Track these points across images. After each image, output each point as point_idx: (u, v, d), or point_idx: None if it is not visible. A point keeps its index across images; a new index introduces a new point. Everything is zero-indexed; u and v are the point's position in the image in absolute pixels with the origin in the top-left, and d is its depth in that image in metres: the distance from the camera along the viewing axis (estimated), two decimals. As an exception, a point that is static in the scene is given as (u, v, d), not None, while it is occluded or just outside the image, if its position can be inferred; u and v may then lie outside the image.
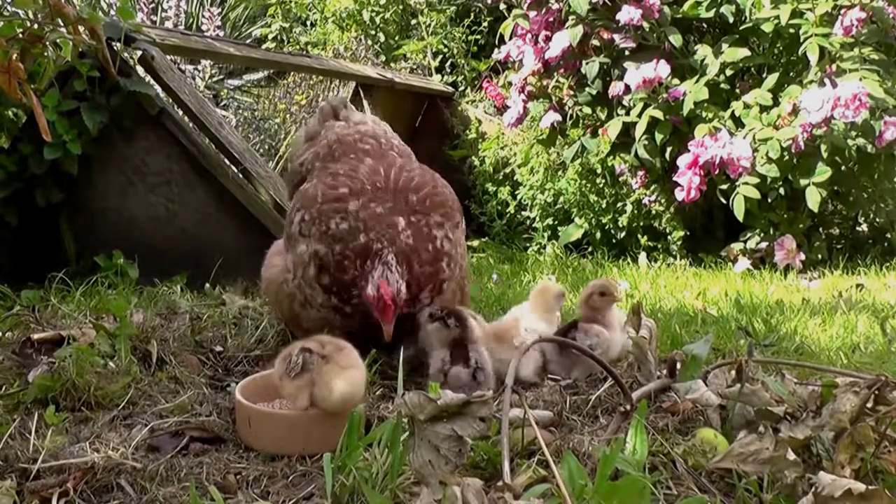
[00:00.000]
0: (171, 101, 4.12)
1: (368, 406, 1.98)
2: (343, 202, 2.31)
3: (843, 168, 4.93)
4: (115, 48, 3.61)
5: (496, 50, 6.13)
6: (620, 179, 5.52)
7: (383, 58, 7.68)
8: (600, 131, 5.43)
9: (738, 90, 5.19)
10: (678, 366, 2.07)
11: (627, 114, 5.23)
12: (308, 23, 8.24)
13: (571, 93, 5.60)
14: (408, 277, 2.21)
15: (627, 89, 5.11)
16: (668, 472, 1.61)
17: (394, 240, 2.23)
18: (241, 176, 3.86)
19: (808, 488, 1.47)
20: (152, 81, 4.01)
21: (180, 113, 4.07)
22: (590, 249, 5.70)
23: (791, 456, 1.52)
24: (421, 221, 2.31)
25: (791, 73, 5.26)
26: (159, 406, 2.05)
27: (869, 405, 1.63)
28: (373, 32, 7.78)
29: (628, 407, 1.80)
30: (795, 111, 4.70)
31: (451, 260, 2.34)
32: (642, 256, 5.38)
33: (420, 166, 2.57)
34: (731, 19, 5.23)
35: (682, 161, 4.83)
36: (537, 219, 6.00)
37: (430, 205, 2.36)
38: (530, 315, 2.48)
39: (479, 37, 7.51)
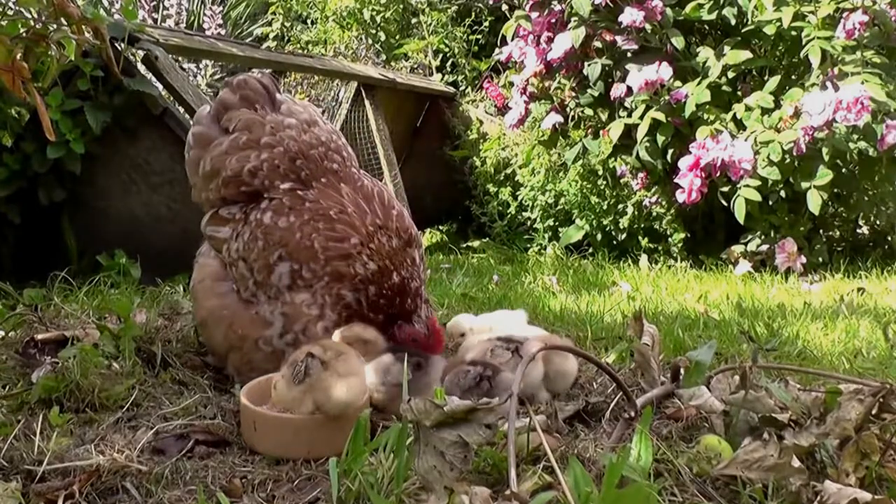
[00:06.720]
0: (174, 100, 4.12)
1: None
2: (355, 248, 2.25)
3: (844, 171, 4.94)
4: (118, 47, 3.61)
5: (497, 50, 6.13)
6: (622, 181, 5.52)
7: (384, 57, 7.68)
8: (602, 133, 5.44)
9: (739, 92, 5.20)
10: (682, 372, 2.07)
11: (629, 115, 5.23)
12: (309, 21, 8.23)
13: (573, 94, 5.61)
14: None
15: (629, 91, 5.11)
16: (673, 478, 1.61)
17: (419, 275, 2.31)
18: (243, 176, 3.85)
19: (812, 496, 1.48)
20: (155, 81, 4.01)
21: (183, 112, 4.07)
22: (590, 251, 5.71)
23: (796, 463, 1.53)
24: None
25: (793, 76, 5.27)
26: (164, 408, 2.05)
27: (874, 413, 1.64)
28: (373, 31, 7.78)
29: (632, 413, 1.81)
30: (797, 114, 4.71)
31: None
32: (643, 258, 5.39)
33: (382, 187, 2.45)
34: (733, 22, 5.23)
35: (684, 163, 4.84)
36: (538, 220, 6.01)
37: (411, 237, 2.38)
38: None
39: (479, 36, 7.52)
